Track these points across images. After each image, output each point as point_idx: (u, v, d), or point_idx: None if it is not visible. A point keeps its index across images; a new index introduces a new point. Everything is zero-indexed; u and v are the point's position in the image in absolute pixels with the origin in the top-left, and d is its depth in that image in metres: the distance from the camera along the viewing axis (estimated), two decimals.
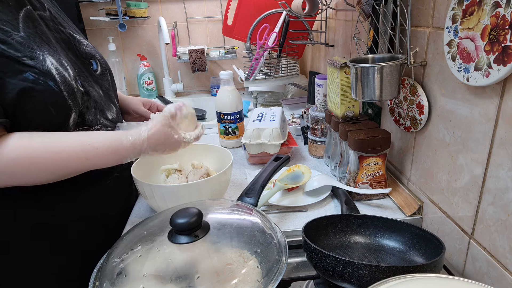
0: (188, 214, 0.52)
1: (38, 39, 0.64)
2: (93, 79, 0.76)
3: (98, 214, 0.79)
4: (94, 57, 0.79)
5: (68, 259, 0.75)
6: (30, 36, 0.62)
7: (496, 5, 0.50)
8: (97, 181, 0.76)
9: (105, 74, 0.81)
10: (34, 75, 0.60)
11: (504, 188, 0.54)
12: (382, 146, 0.80)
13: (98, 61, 0.80)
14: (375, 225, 0.68)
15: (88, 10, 1.77)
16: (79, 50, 0.75)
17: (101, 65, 0.80)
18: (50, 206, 0.71)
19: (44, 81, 0.61)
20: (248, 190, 0.74)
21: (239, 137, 1.18)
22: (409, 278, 0.45)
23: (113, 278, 0.49)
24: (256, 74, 1.37)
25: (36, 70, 0.61)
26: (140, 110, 0.97)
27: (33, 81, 0.60)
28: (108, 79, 0.82)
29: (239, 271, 0.48)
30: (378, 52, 0.83)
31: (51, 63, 0.63)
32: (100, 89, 0.77)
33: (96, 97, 0.74)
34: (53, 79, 0.62)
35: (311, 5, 1.11)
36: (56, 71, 0.63)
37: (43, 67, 0.62)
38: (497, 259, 0.56)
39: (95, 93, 0.75)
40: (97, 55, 0.80)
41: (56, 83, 0.63)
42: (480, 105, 0.58)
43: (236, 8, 1.50)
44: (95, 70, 0.78)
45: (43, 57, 0.62)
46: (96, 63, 0.79)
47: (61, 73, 0.64)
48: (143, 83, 1.85)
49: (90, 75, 0.76)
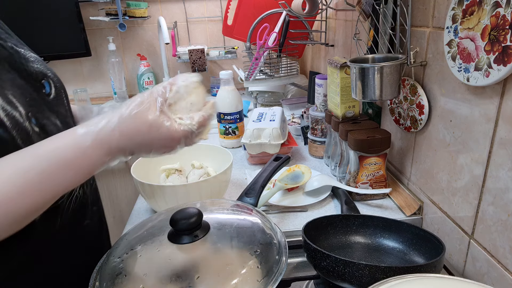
0: (188, 214, 0.52)
1: None
2: (47, 107, 0.57)
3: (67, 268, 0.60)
4: (46, 76, 0.59)
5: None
6: None
7: (496, 5, 0.50)
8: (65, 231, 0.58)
9: (61, 97, 0.61)
10: None
11: (504, 188, 0.53)
12: (382, 146, 0.80)
13: (51, 81, 0.60)
14: (375, 225, 0.68)
15: (88, 10, 1.77)
16: (26, 69, 0.55)
17: (55, 85, 0.60)
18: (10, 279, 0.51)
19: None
20: (248, 190, 0.74)
21: (239, 137, 1.18)
22: (409, 278, 0.45)
23: (113, 278, 0.49)
24: (256, 74, 1.37)
25: None
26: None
27: None
28: (64, 102, 0.63)
29: (239, 271, 0.48)
30: (378, 52, 0.83)
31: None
32: (57, 119, 0.58)
33: (54, 132, 0.53)
34: (2, 126, 0.45)
35: (311, 5, 1.11)
36: (4, 112, 0.46)
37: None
38: (497, 259, 0.56)
39: (52, 126, 0.55)
40: (49, 73, 0.60)
41: (5, 130, 0.46)
42: (480, 105, 0.58)
43: (236, 8, 1.50)
44: (48, 94, 0.58)
45: None
46: (49, 84, 0.59)
47: (10, 115, 0.47)
48: (143, 83, 1.85)
49: (44, 103, 0.56)
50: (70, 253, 0.60)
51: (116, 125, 0.45)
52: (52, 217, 0.52)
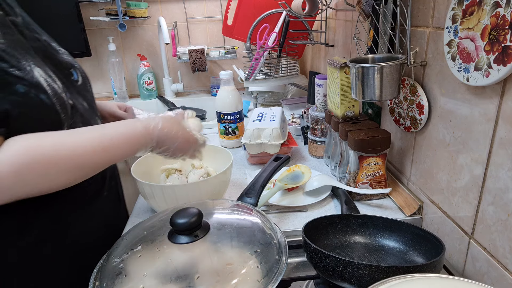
0: (188, 214, 0.52)
1: (19, 47, 0.57)
2: (76, 91, 0.69)
3: (88, 239, 0.71)
4: (73, 67, 0.71)
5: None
6: (11, 45, 0.55)
7: (496, 5, 0.50)
8: (86, 202, 0.70)
9: (86, 85, 0.75)
10: (24, 87, 0.54)
11: (504, 188, 0.54)
12: (382, 146, 0.80)
13: (78, 71, 0.72)
14: (375, 225, 0.68)
15: (88, 10, 1.77)
16: (58, 59, 0.67)
17: (82, 75, 0.73)
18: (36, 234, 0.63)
19: (36, 95, 0.55)
20: (248, 190, 0.74)
21: (239, 137, 1.18)
22: (409, 278, 0.45)
23: (113, 278, 0.49)
24: (256, 74, 1.37)
25: (26, 82, 0.54)
26: (118, 113, 0.90)
27: (24, 94, 0.54)
28: (89, 89, 0.76)
29: (239, 271, 0.48)
30: (378, 52, 0.83)
31: (39, 74, 0.57)
32: (84, 101, 0.71)
33: (81, 110, 0.68)
34: (44, 92, 0.56)
35: (311, 5, 1.11)
36: (46, 83, 0.57)
37: (32, 78, 0.55)
38: (497, 259, 0.56)
39: (80, 106, 0.68)
40: (76, 64, 0.73)
41: (48, 97, 0.57)
42: (480, 105, 0.58)
43: (236, 8, 1.50)
44: (76, 81, 0.71)
45: (30, 68, 0.56)
46: (77, 73, 0.72)
47: (51, 85, 0.58)
48: (143, 83, 1.85)
49: (73, 87, 0.69)
50: (90, 221, 0.71)
51: (160, 121, 0.62)
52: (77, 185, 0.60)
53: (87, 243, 0.70)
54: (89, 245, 0.69)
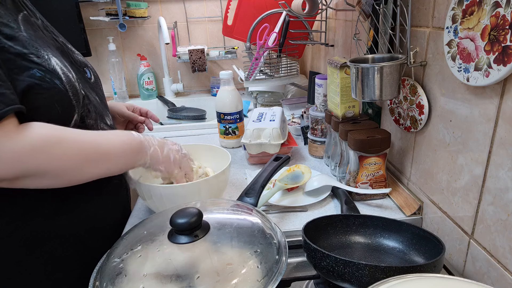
0: (188, 214, 0.52)
1: (39, 41, 0.64)
2: (89, 86, 0.76)
3: (98, 224, 0.77)
4: (86, 66, 0.79)
5: (64, 274, 0.72)
6: (32, 37, 0.62)
7: (496, 5, 0.50)
8: (98, 188, 0.75)
9: (98, 83, 0.81)
10: (41, 72, 0.60)
11: (504, 188, 0.54)
12: (382, 146, 0.80)
13: (91, 70, 0.79)
14: (375, 225, 0.68)
15: (88, 10, 1.77)
16: (73, 57, 0.75)
17: (94, 74, 0.80)
18: (51, 217, 0.68)
19: (51, 79, 0.61)
20: (248, 190, 0.74)
21: (239, 137, 1.18)
22: (409, 278, 0.45)
23: (113, 278, 0.49)
24: (256, 74, 1.37)
25: (43, 67, 0.60)
26: (126, 113, 0.96)
27: (40, 78, 0.60)
28: (101, 88, 0.83)
29: (239, 271, 0.48)
30: (378, 52, 0.83)
31: (56, 63, 0.63)
32: (96, 96, 0.77)
33: (95, 103, 0.74)
34: (59, 78, 0.63)
35: (311, 5, 1.11)
36: (61, 70, 0.64)
37: (49, 65, 0.62)
38: (497, 259, 0.56)
39: (93, 98, 0.75)
40: (89, 65, 0.81)
41: (62, 82, 0.63)
42: (480, 105, 0.58)
43: (236, 8, 1.50)
44: (89, 78, 0.78)
45: (47, 57, 0.62)
46: (90, 72, 0.78)
47: (66, 73, 0.64)
48: (143, 83, 1.85)
49: (86, 82, 0.75)
50: (97, 203, 0.76)
51: (157, 140, 0.72)
52: None
53: (100, 227, 0.77)
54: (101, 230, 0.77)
